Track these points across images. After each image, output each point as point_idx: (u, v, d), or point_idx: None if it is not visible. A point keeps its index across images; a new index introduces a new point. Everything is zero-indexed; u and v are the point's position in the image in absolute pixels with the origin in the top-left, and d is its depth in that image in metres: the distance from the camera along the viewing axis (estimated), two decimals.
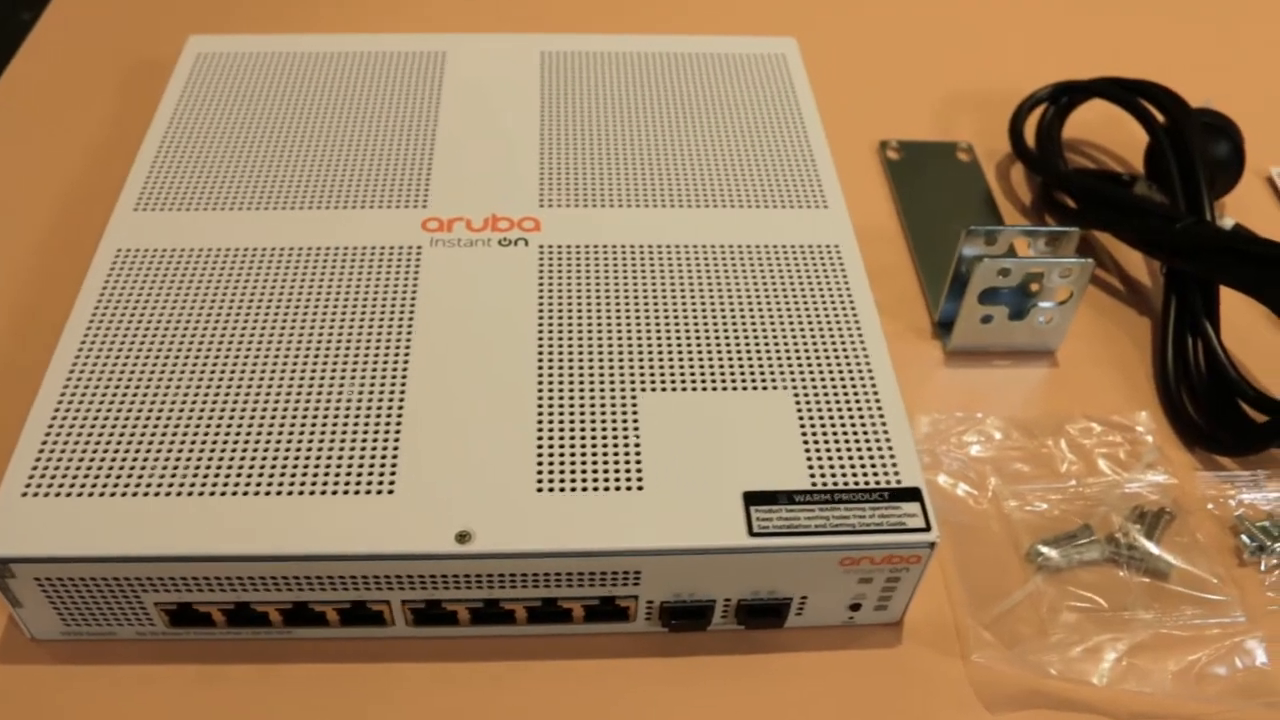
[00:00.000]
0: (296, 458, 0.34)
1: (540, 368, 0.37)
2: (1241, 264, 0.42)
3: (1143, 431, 0.42)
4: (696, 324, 0.38)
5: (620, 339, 0.38)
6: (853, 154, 0.53)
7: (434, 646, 0.36)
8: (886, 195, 0.51)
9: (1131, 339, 0.46)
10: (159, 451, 0.34)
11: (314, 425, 0.35)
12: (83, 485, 0.33)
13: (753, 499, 0.34)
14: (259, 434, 0.35)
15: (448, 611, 0.34)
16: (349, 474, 0.34)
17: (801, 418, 0.36)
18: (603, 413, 0.36)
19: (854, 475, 0.34)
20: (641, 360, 0.37)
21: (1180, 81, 0.50)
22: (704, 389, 0.36)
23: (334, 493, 0.33)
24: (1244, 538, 0.39)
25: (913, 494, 0.34)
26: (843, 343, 0.38)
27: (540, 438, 0.35)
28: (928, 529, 0.33)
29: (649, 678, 0.35)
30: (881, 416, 0.36)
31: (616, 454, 0.35)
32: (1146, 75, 0.53)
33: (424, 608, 0.34)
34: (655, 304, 0.39)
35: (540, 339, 0.38)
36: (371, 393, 0.36)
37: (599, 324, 0.38)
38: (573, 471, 0.34)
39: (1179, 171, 0.47)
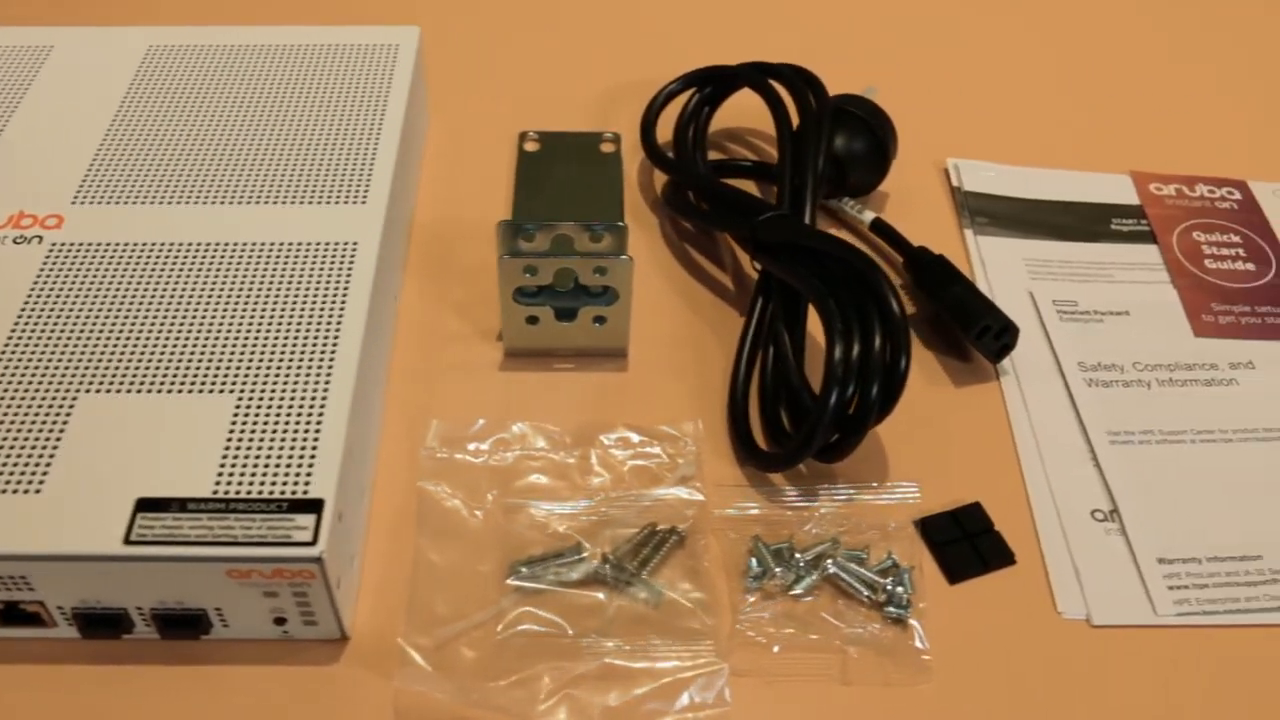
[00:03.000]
0: None
1: None
2: (807, 265, 0.39)
3: (686, 444, 0.40)
4: (157, 324, 0.37)
5: (73, 337, 0.37)
6: (494, 145, 0.51)
7: None
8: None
9: (722, 344, 0.43)
10: None
11: None
12: None
13: (144, 506, 0.32)
14: None
15: None
16: None
17: (235, 423, 0.34)
18: (32, 412, 0.34)
19: (266, 484, 0.33)
20: (90, 360, 0.36)
21: (858, 68, 0.47)
22: (147, 390, 0.35)
23: None
24: (752, 561, 0.36)
25: (313, 506, 0.32)
26: (308, 347, 0.36)
27: None
28: (313, 543, 0.32)
29: (64, 685, 0.34)
30: (319, 425, 0.34)
31: (25, 455, 0.33)
32: (832, 60, 0.50)
33: None
34: (136, 302, 0.38)
35: (11, 339, 0.37)
36: None
37: (65, 323, 0.37)
38: None
39: (791, 161, 0.44)
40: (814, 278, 0.39)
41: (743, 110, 0.52)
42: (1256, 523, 0.39)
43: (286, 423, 0.34)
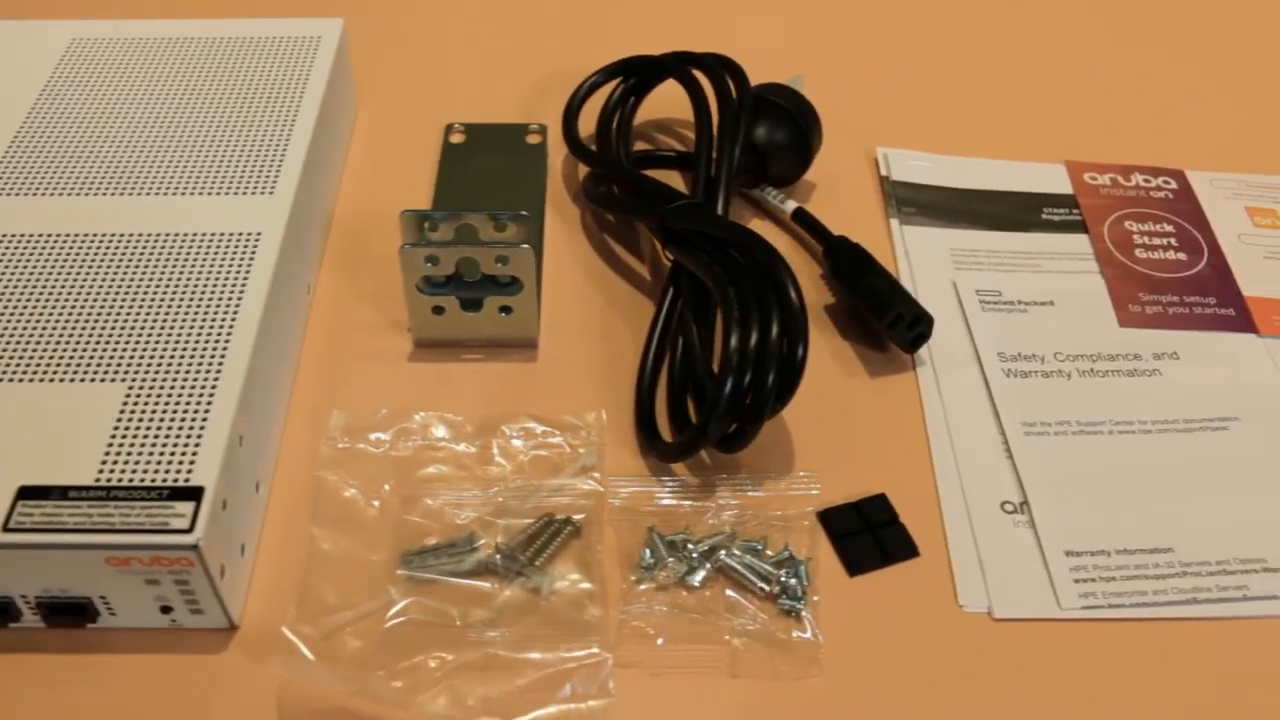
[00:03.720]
0: None
1: None
2: (713, 254, 0.39)
3: (589, 434, 0.39)
4: (50, 314, 0.37)
5: None
6: (422, 137, 0.50)
7: None
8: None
9: (635, 335, 0.43)
10: None
11: None
12: None
13: (26, 493, 0.32)
14: None
15: None
16: None
17: (124, 412, 0.34)
18: None
19: (150, 473, 0.32)
20: None
21: (790, 56, 0.46)
22: (37, 379, 0.35)
23: None
24: (645, 552, 0.36)
25: (193, 493, 0.32)
26: (202, 337, 0.36)
27: None
28: (189, 531, 0.31)
29: None
30: (206, 414, 0.34)
31: None
32: (764, 49, 0.49)
33: None
34: (30, 294, 0.37)
35: None
36: None
37: None
38: None
39: (707, 151, 0.43)
40: (716, 266, 0.38)
41: (676, 100, 0.51)
42: (1170, 515, 0.38)
43: (174, 412, 0.34)
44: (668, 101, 0.52)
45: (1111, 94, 0.56)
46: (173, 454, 0.33)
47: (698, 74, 0.47)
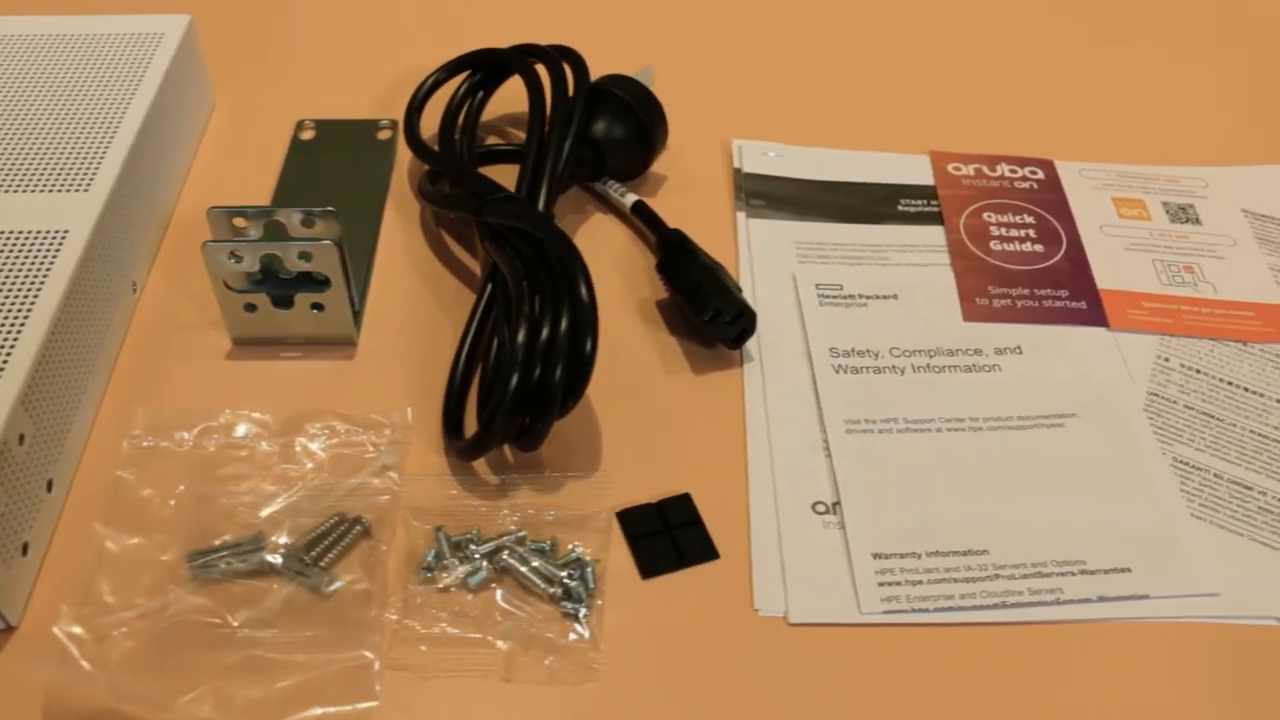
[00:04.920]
0: None
1: None
2: (519, 248, 0.38)
3: (394, 433, 0.39)
4: None
5: None
6: (277, 134, 0.50)
7: None
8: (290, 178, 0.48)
9: (458, 332, 0.42)
10: None
11: None
12: None
13: None
14: None
15: None
16: None
17: None
18: None
19: None
20: None
21: (651, 47, 0.46)
22: None
23: None
24: (429, 553, 0.35)
25: None
26: None
27: None
28: None
29: None
30: None
31: None
32: (624, 40, 0.49)
33: None
34: None
35: None
36: None
37: None
38: None
39: (535, 145, 0.42)
40: (517, 261, 0.38)
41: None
42: (990, 516, 0.37)
43: None
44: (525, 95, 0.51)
45: (984, 83, 0.54)
46: None
47: (542, 66, 0.46)
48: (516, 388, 0.35)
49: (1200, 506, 0.38)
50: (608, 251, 0.45)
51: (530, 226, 0.38)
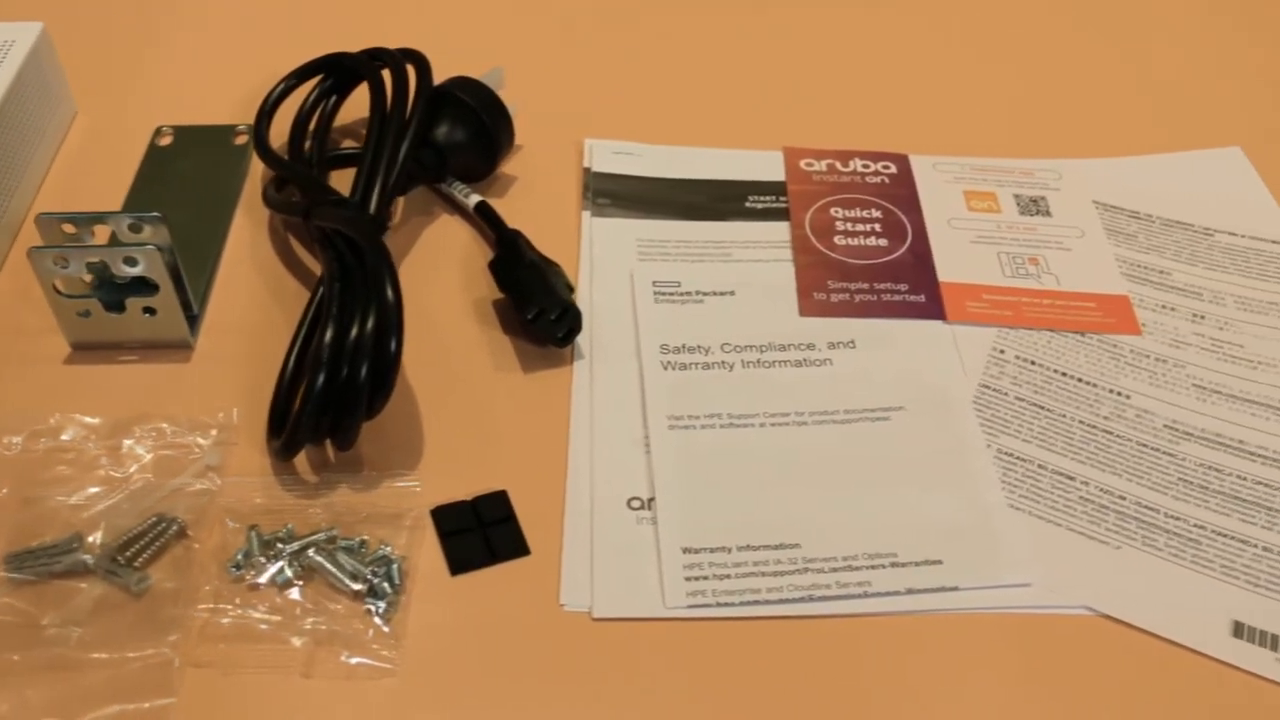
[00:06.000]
0: None
1: None
2: (339, 250, 0.38)
3: (220, 434, 0.39)
4: None
5: None
6: (138, 140, 0.50)
7: None
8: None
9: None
10: None
11: None
12: None
13: None
14: None
15: None
16: None
17: None
18: None
19: None
20: None
21: (512, 49, 0.46)
22: None
23: None
24: (239, 552, 0.35)
25: None
26: None
27: None
28: None
29: None
30: None
31: None
32: (491, 42, 0.50)
33: None
34: None
35: None
36: None
37: None
38: None
39: (372, 149, 0.42)
40: (335, 263, 0.38)
41: None
42: (806, 510, 0.37)
43: None
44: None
45: (845, 80, 0.55)
46: None
47: (388, 71, 0.46)
48: (323, 386, 0.35)
49: (1021, 497, 0.38)
50: (451, 251, 0.46)
51: (347, 228, 0.38)
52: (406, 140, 0.43)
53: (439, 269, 0.45)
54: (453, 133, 0.45)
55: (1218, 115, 0.55)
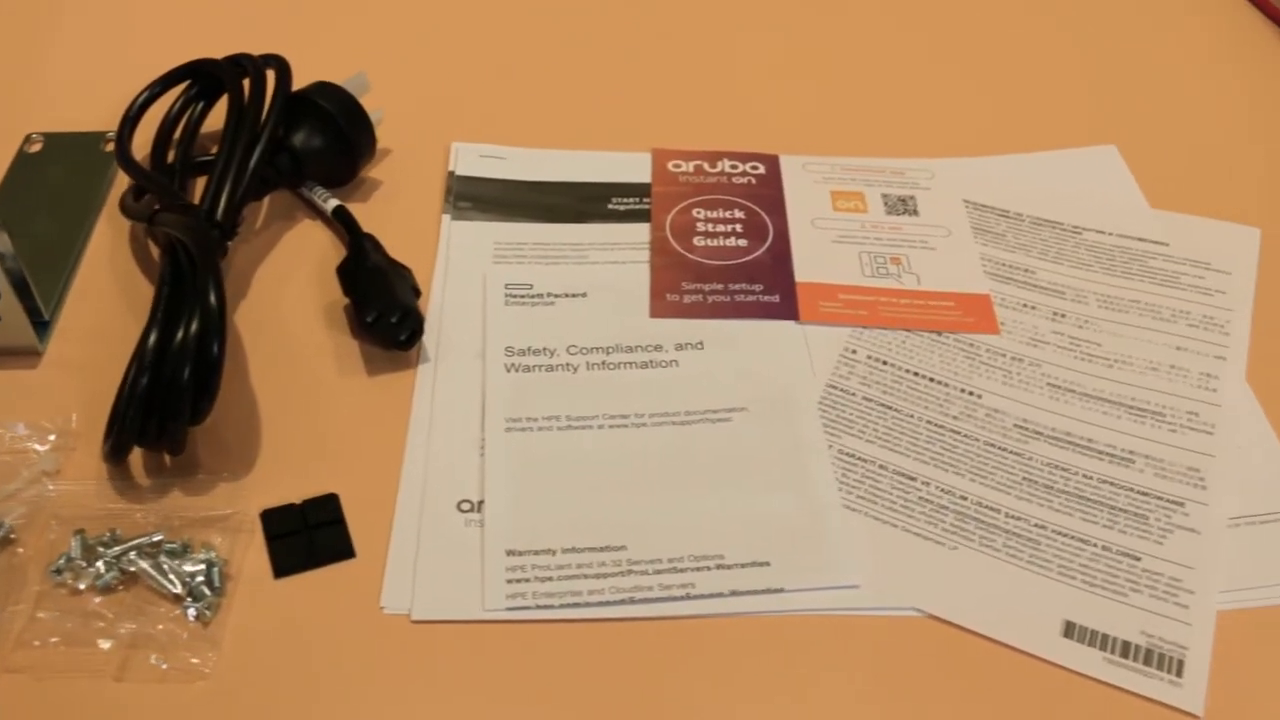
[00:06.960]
0: None
1: None
2: (173, 258, 0.38)
3: (57, 438, 0.39)
4: None
5: None
6: (9, 148, 0.50)
7: None
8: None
9: None
10: None
11: None
12: None
13: None
14: None
15: None
16: None
17: None
18: None
19: None
20: None
21: (390, 52, 0.46)
22: None
23: None
24: (61, 556, 0.35)
25: None
26: None
27: None
28: None
29: None
30: None
31: None
32: (357, 46, 0.50)
33: None
34: None
35: None
36: None
37: None
38: None
39: (224, 156, 0.42)
40: (169, 267, 0.38)
41: None
42: (635, 512, 0.37)
43: None
44: None
45: (718, 81, 0.54)
46: None
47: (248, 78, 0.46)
48: (145, 389, 0.36)
49: (859, 499, 0.38)
50: (308, 255, 0.46)
51: (180, 233, 0.38)
52: (259, 147, 0.43)
53: (294, 273, 0.45)
54: (310, 138, 0.45)
55: (1096, 112, 0.54)
